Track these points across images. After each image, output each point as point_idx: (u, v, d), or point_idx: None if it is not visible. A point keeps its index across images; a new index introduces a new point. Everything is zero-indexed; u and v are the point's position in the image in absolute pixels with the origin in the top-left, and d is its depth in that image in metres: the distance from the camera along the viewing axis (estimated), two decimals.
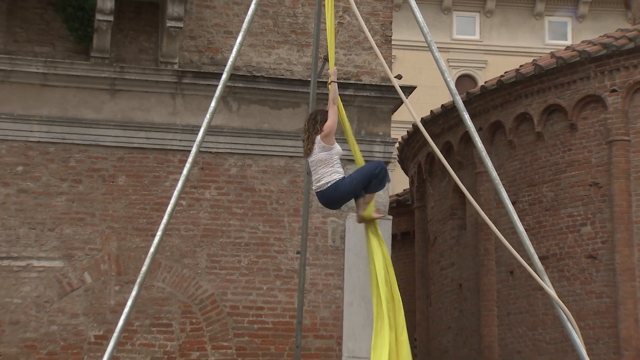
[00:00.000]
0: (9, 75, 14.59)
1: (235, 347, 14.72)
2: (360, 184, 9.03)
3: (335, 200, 9.07)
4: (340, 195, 8.99)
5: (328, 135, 8.91)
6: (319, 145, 8.92)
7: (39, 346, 14.21)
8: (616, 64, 17.69)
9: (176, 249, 14.76)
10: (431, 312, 22.02)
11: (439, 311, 21.59)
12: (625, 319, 16.97)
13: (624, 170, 17.39)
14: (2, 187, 14.46)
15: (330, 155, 8.95)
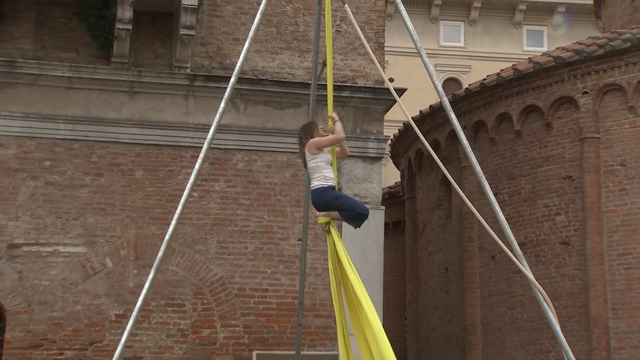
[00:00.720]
0: (37, 79, 14.59)
1: (243, 325, 14.73)
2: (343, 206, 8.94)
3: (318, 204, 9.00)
4: (322, 201, 8.91)
5: (311, 147, 8.88)
6: (307, 156, 8.93)
7: (65, 324, 14.22)
8: (587, 69, 17.68)
9: (189, 236, 14.76)
10: (420, 293, 22.02)
11: (427, 292, 21.59)
12: (595, 299, 16.98)
13: (594, 165, 17.39)
14: (31, 180, 14.47)
15: (317, 163, 8.87)
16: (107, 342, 14.12)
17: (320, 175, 8.83)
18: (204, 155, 8.53)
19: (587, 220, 17.27)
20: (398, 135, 22.71)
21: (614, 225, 17.08)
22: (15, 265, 14.21)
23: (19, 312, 14.12)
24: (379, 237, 15.62)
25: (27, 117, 14.56)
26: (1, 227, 14.24)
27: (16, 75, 14.53)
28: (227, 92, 8.70)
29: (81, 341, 14.21)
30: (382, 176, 16.21)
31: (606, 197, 17.25)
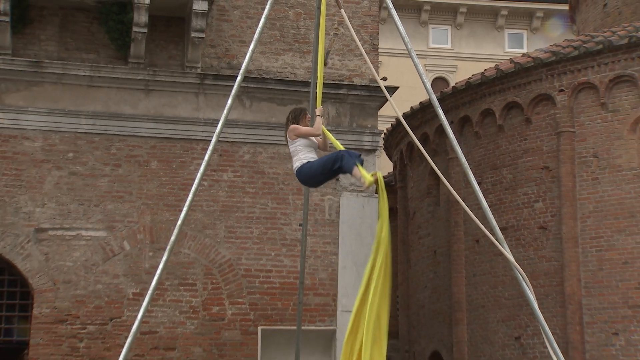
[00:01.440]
0: (61, 78, 14.58)
1: (249, 303, 14.75)
2: (320, 167, 8.68)
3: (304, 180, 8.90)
4: (305, 176, 8.79)
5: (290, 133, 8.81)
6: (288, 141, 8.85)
7: (87, 301, 14.25)
8: (563, 68, 17.67)
9: (199, 222, 14.77)
10: (410, 274, 22.03)
11: (417, 273, 21.60)
12: (569, 278, 16.99)
13: (569, 156, 17.39)
14: (56, 170, 14.47)
15: (295, 147, 8.78)
16: (126, 318, 14.13)
17: (297, 158, 8.75)
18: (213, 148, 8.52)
19: (563, 207, 17.28)
20: (391, 130, 22.70)
21: (587, 211, 17.08)
22: (42, 248, 14.22)
23: (45, 290, 14.14)
24: (373, 223, 15.61)
25: (52, 112, 14.56)
26: (29, 213, 14.25)
27: (42, 75, 14.53)
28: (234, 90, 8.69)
29: (102, 317, 14.23)
30: (376, 167, 16.18)
31: (580, 185, 17.25)
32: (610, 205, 16.84)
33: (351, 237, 14.72)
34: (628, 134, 16.91)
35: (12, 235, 14.16)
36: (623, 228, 16.62)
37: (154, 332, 14.33)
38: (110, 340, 14.10)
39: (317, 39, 9.68)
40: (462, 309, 19.12)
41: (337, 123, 15.31)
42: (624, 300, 16.43)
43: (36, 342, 14.01)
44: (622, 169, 16.84)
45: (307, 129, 8.79)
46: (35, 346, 14.00)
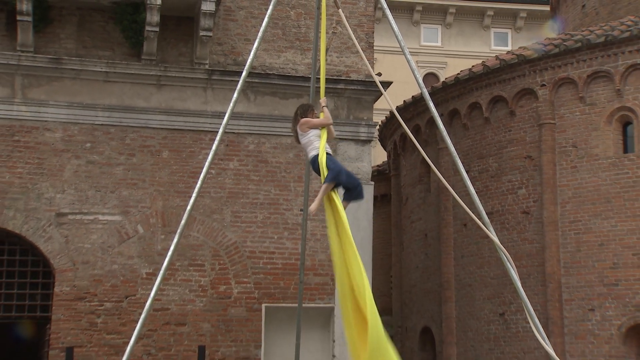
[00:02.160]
0: (79, 73, 14.55)
1: (253, 282, 14.76)
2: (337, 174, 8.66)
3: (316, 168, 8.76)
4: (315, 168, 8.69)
5: (303, 126, 8.56)
6: (299, 133, 8.72)
7: (104, 280, 14.26)
8: (545, 65, 17.67)
9: (207, 207, 14.76)
10: (403, 255, 22.05)
11: (409, 255, 21.63)
12: (549, 259, 17.03)
13: (550, 146, 17.40)
14: (75, 159, 14.46)
15: (309, 138, 8.56)
16: (140, 296, 14.15)
17: (313, 147, 8.56)
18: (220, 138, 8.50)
19: (544, 193, 17.30)
20: (385, 122, 22.70)
21: (567, 197, 17.10)
22: (62, 231, 14.23)
23: (65, 270, 14.15)
24: (369, 208, 15.63)
25: (71, 105, 14.54)
26: (50, 198, 14.25)
27: (62, 71, 14.50)
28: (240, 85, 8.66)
29: (118, 295, 14.25)
30: (371, 156, 16.19)
31: (560, 173, 17.26)
32: (587, 192, 16.86)
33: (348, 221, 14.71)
34: (604, 125, 16.91)
35: (35, 219, 14.16)
36: (599, 212, 16.65)
37: (166, 309, 14.34)
38: (125, 316, 14.12)
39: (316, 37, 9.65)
40: (450, 287, 19.16)
41: (335, 115, 15.22)
42: (599, 279, 16.46)
43: (57, 318, 14.04)
44: (598, 157, 16.85)
45: (320, 120, 8.68)
46: (56, 321, 14.03)
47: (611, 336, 16.21)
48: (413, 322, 21.12)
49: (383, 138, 23.67)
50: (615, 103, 16.84)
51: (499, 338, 17.84)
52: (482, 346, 18.22)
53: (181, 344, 14.33)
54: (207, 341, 14.33)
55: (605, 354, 16.23)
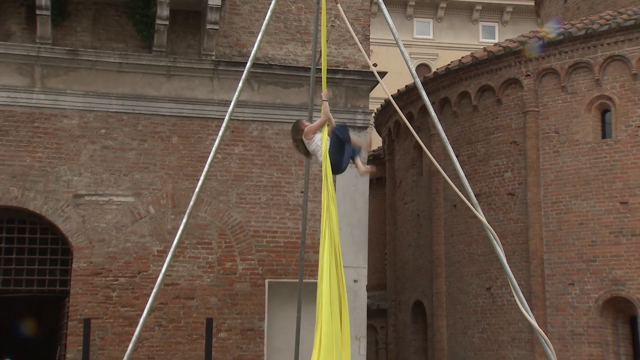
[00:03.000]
0: (94, 64, 14.53)
1: (257, 259, 14.78)
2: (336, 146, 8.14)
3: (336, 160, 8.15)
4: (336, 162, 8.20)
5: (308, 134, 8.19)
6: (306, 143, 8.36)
7: (118, 257, 14.29)
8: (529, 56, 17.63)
9: (214, 189, 14.76)
10: (397, 234, 22.08)
11: (402, 234, 21.65)
12: (533, 237, 17.05)
13: (534, 132, 17.40)
14: (90, 144, 14.45)
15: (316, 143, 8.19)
16: (151, 272, 14.17)
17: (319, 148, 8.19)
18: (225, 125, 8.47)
19: (528, 176, 17.31)
20: (380, 109, 22.66)
21: (549, 180, 17.10)
22: (79, 211, 14.24)
23: (82, 247, 14.17)
24: (365, 190, 15.63)
25: (86, 94, 14.51)
26: (68, 181, 14.25)
27: (78, 61, 14.47)
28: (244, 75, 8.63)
29: (131, 270, 14.28)
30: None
31: (543, 157, 17.26)
32: (568, 175, 16.87)
33: (346, 203, 14.71)
34: (584, 112, 16.90)
35: (54, 200, 14.17)
36: (579, 194, 16.66)
37: (176, 284, 14.37)
38: (138, 290, 14.15)
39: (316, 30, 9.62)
40: (441, 264, 19.20)
41: (333, 104, 15.22)
42: (579, 255, 16.50)
43: (75, 292, 14.08)
44: (579, 143, 16.85)
45: (319, 122, 8.32)
46: (74, 295, 14.08)
47: (589, 308, 16.26)
48: (406, 297, 21.17)
49: (378, 125, 23.64)
50: (594, 92, 16.82)
51: (486, 311, 17.90)
52: (469, 318, 18.28)
53: (190, 317, 14.37)
54: (215, 314, 14.36)
55: (584, 325, 16.29)
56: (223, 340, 14.43)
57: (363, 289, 15.24)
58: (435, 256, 19.36)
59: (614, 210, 16.21)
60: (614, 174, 16.32)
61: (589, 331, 16.23)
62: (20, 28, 14.49)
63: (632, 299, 15.81)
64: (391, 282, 22.39)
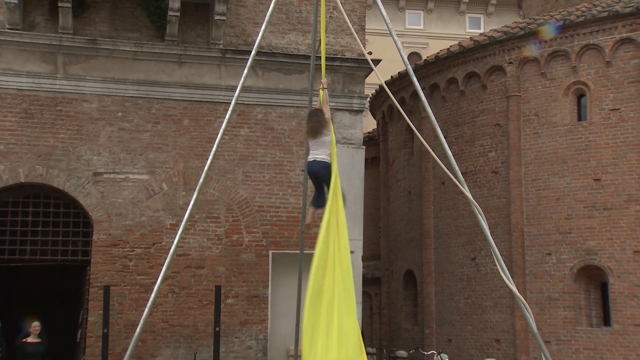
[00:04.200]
0: (112, 52, 14.45)
1: (261, 232, 14.79)
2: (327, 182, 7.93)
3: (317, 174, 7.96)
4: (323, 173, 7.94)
5: (328, 124, 8.00)
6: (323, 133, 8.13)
7: (135, 230, 14.29)
8: (512, 45, 17.58)
9: (222, 168, 14.73)
10: (390, 209, 22.10)
11: (395, 209, 21.67)
12: (514, 212, 17.08)
13: (516, 115, 17.39)
14: (109, 126, 14.41)
15: (328, 139, 7.95)
16: (165, 243, 14.17)
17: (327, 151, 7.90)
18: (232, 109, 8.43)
19: (510, 156, 17.30)
20: (375, 94, 22.61)
21: (529, 159, 17.09)
22: (99, 188, 14.22)
23: (102, 220, 14.17)
24: (361, 169, 15.62)
25: (105, 80, 14.45)
26: (88, 160, 14.23)
27: (97, 50, 14.40)
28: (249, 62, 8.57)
29: (146, 242, 14.28)
30: (363, 124, 16.12)
31: (524, 138, 17.25)
32: (547, 154, 16.86)
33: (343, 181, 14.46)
34: (562, 97, 16.87)
35: (75, 177, 14.14)
36: (557, 172, 16.66)
37: (187, 255, 14.38)
38: (152, 260, 14.16)
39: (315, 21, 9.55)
40: (430, 236, 19.24)
41: (332, 89, 15.18)
42: (556, 228, 16.53)
43: (96, 261, 14.10)
44: (557, 125, 16.83)
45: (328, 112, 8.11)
46: (95, 264, 14.09)
47: (564, 276, 16.31)
48: (398, 266, 21.22)
49: (373, 109, 23.60)
50: (571, 78, 16.77)
51: (471, 279, 17.95)
52: (456, 285, 18.33)
53: (200, 284, 14.40)
54: (223, 282, 14.39)
55: (559, 291, 16.36)
56: (231, 306, 14.47)
57: (359, 259, 15.27)
58: (424, 229, 19.39)
59: (588, 186, 16.21)
60: (589, 154, 16.31)
61: (564, 296, 16.29)
62: (44, 19, 14.40)
63: (603, 267, 15.86)
64: (384, 253, 22.44)
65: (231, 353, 14.37)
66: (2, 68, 14.07)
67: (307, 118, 8.36)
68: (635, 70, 16.00)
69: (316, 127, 7.99)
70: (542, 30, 16.60)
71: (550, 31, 16.54)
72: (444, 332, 18.57)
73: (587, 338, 15.94)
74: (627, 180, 15.83)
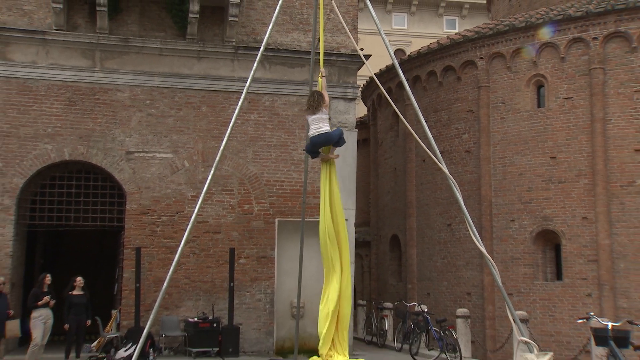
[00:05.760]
0: (141, 49, 14.33)
1: (269, 203, 14.75)
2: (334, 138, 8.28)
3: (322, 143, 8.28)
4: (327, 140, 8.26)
5: (327, 105, 8.18)
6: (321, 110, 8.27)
7: (161, 200, 14.25)
8: (482, 43, 17.46)
9: (235, 148, 14.67)
10: (378, 183, 22.08)
11: (382, 183, 21.65)
12: (484, 185, 17.07)
13: (486, 103, 17.32)
14: (138, 112, 14.33)
15: (326, 115, 8.17)
16: (186, 212, 14.15)
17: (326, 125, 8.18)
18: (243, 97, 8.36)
19: (481, 137, 17.24)
20: (366, 85, 22.50)
21: (497, 140, 17.04)
22: (130, 164, 14.16)
23: (133, 192, 14.13)
24: (354, 149, 15.56)
25: (135, 73, 14.33)
26: (121, 141, 14.17)
27: (128, 47, 14.26)
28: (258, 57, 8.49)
29: (171, 211, 14.25)
30: (355, 110, 16.03)
31: (492, 122, 17.19)
32: (511, 136, 16.81)
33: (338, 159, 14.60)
34: (524, 87, 16.79)
35: (111, 156, 14.09)
36: (519, 151, 16.62)
37: (206, 222, 14.37)
38: (176, 226, 14.15)
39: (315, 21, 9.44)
40: (412, 206, 19.24)
41: (328, 80, 15.08)
42: (518, 199, 16.53)
43: (129, 227, 14.09)
44: (520, 111, 16.76)
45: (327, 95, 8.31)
46: (128, 229, 14.09)
47: (525, 239, 16.33)
48: (385, 232, 21.25)
49: (364, 97, 23.49)
50: (532, 71, 16.68)
51: (447, 242, 17.98)
52: (434, 247, 18.37)
53: (217, 247, 14.40)
54: (236, 244, 14.40)
55: (521, 252, 16.40)
56: (243, 265, 14.48)
57: (352, 225, 15.27)
58: (408, 200, 19.38)
59: (545, 163, 16.19)
60: (546, 135, 16.27)
61: (524, 256, 16.33)
62: (84, 21, 14.26)
63: (557, 231, 15.89)
64: (374, 220, 22.46)
65: (243, 305, 14.42)
66: (50, 63, 13.97)
67: (309, 96, 8.44)
68: (585, 65, 15.93)
69: (316, 105, 8.16)
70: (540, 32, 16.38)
71: (547, 33, 16.35)
72: (423, 287, 18.64)
73: (542, 290, 16.01)
74: (578, 158, 15.81)
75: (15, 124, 13.71)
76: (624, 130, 15.44)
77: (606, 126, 15.56)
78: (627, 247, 15.08)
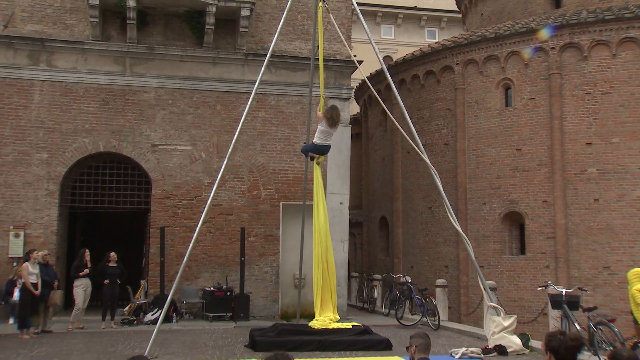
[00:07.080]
0: (164, 56, 14.26)
1: (274, 189, 14.73)
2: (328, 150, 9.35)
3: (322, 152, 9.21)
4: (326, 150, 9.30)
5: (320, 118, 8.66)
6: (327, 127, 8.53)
7: (182, 186, 14.24)
8: (459, 50, 17.39)
9: (245, 141, 14.62)
10: (369, 172, 22.05)
11: (373, 172, 21.62)
12: (460, 173, 17.06)
13: (462, 102, 17.28)
14: (162, 111, 14.29)
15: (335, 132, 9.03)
16: (203, 196, 14.13)
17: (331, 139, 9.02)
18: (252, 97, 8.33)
19: (458, 132, 17.21)
20: (358, 86, 22.42)
21: (471, 134, 17.02)
22: (155, 155, 14.13)
23: (158, 179, 14.11)
24: (348, 142, 15.52)
25: (159, 77, 14.26)
26: (147, 135, 14.13)
27: (154, 55, 14.19)
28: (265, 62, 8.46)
29: (190, 195, 14.23)
30: (349, 108, 15.98)
31: (467, 119, 17.16)
32: (484, 131, 16.78)
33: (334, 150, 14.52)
34: (494, 89, 16.74)
35: (139, 148, 14.05)
36: (490, 144, 16.60)
37: (220, 205, 14.36)
38: (195, 209, 14.13)
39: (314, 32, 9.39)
40: (398, 191, 19.22)
41: (326, 82, 14.99)
42: (489, 185, 16.52)
43: (154, 209, 14.08)
44: (490, 110, 16.72)
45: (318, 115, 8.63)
46: (154, 211, 14.08)
47: (494, 219, 16.35)
48: (375, 214, 21.25)
49: (357, 97, 23.40)
50: (500, 75, 16.64)
51: (428, 222, 17.99)
52: (417, 227, 18.38)
53: (230, 227, 14.40)
54: (246, 225, 14.39)
55: (491, 230, 16.41)
56: (252, 242, 14.49)
57: (346, 208, 15.27)
58: (394, 186, 19.37)
59: (512, 154, 16.18)
60: (513, 131, 16.25)
61: (493, 234, 16.36)
62: (116, 32, 14.17)
63: (522, 213, 15.92)
64: (365, 204, 22.45)
65: (252, 276, 14.44)
66: (88, 69, 13.94)
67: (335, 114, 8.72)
68: (545, 70, 15.95)
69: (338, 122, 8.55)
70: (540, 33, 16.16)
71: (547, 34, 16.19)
72: (408, 261, 18.68)
73: (509, 263, 16.05)
74: (539, 150, 15.83)
75: (59, 121, 13.72)
76: (577, 126, 15.50)
77: (563, 123, 15.60)
78: (579, 225, 15.18)
